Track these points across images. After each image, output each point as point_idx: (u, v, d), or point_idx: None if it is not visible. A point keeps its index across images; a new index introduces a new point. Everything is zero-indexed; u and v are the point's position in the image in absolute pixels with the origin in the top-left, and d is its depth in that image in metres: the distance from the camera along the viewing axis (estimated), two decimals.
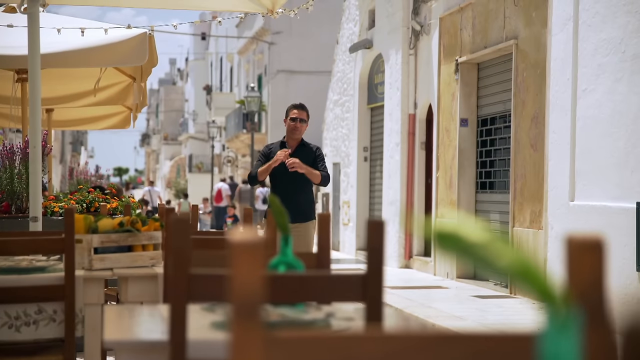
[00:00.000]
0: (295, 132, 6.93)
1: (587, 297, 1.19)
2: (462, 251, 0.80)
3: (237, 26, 35.81)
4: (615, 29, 7.38)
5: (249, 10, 6.74)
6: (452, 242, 0.80)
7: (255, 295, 1.14)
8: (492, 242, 0.81)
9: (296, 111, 6.95)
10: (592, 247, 1.23)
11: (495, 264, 0.80)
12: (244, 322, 1.13)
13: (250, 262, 1.14)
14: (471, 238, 0.81)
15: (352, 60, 16.61)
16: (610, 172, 7.42)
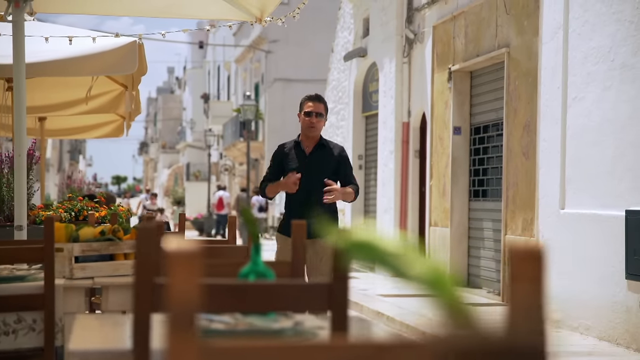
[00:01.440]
0: (311, 130, 5.78)
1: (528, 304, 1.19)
2: (375, 260, 0.80)
3: (235, 35, 35.87)
4: (605, 37, 7.39)
5: (238, 19, 6.75)
6: (366, 252, 0.80)
7: (191, 305, 1.14)
8: (404, 251, 0.81)
9: (311, 104, 5.81)
10: (533, 257, 1.23)
11: (406, 273, 0.80)
12: (179, 332, 1.13)
13: (187, 271, 1.14)
14: (384, 248, 0.81)
15: (347, 69, 16.63)
16: (600, 180, 7.42)
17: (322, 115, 5.83)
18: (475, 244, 11.41)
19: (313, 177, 5.70)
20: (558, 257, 8.09)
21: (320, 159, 5.79)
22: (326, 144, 5.86)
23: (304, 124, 5.84)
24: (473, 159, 11.56)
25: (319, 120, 5.81)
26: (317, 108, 5.81)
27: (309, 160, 5.79)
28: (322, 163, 5.77)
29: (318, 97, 5.92)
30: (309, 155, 5.80)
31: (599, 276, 7.28)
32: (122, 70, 7.26)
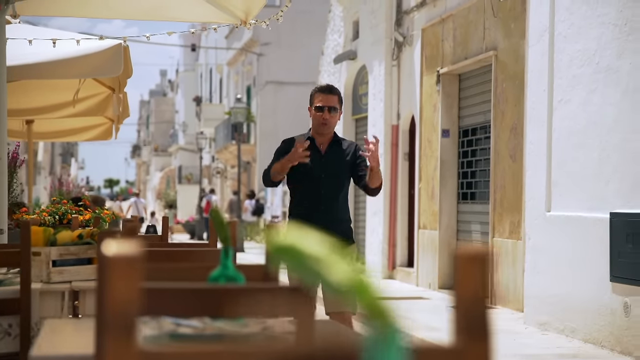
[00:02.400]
0: (323, 127, 5.07)
1: (471, 308, 1.18)
2: (298, 264, 0.79)
3: (227, 37, 35.88)
4: (590, 40, 7.40)
5: (223, 22, 6.74)
6: (289, 255, 0.79)
7: (130, 310, 1.13)
8: (326, 256, 0.80)
9: (323, 96, 5.09)
10: (478, 261, 1.22)
11: (327, 278, 0.79)
12: (118, 338, 1.12)
13: (126, 276, 1.13)
14: (307, 251, 0.80)
15: (337, 71, 16.63)
16: (585, 183, 7.43)
17: (336, 110, 5.09)
18: None
19: (329, 178, 5.08)
20: (544, 259, 8.10)
21: (337, 158, 5.10)
22: (342, 142, 5.19)
23: (315, 120, 5.10)
24: (461, 161, 11.57)
25: (332, 116, 5.08)
26: (330, 101, 5.07)
27: (324, 160, 5.08)
28: (339, 163, 5.10)
29: (330, 89, 5.17)
30: (325, 153, 5.10)
31: (585, 278, 7.29)
32: (108, 73, 7.25)
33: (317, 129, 5.12)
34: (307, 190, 5.08)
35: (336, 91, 5.18)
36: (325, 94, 5.11)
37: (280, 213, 26.15)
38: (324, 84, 5.34)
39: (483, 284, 1.19)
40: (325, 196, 5.07)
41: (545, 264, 8.05)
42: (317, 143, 5.12)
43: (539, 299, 8.11)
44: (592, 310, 7.13)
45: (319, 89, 5.20)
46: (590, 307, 7.18)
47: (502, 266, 9.65)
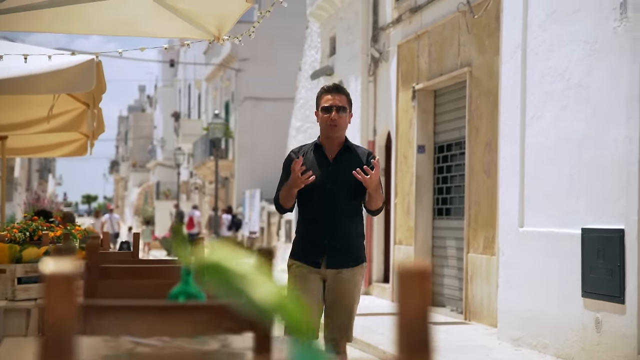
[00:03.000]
0: (332, 129, 4.68)
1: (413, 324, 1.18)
2: (222, 281, 0.79)
3: (205, 53, 35.87)
4: (561, 57, 7.46)
5: (196, 37, 6.73)
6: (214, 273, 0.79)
7: (66, 328, 1.12)
8: (251, 274, 0.80)
9: (330, 96, 4.72)
10: (419, 277, 1.23)
11: (251, 295, 0.79)
12: (54, 356, 1.11)
13: (62, 294, 1.12)
14: (233, 269, 0.80)
15: (314, 87, 16.65)
16: (557, 199, 7.47)
17: (345, 110, 4.70)
18: (439, 262, 11.43)
19: (339, 189, 4.64)
20: (517, 275, 8.12)
21: (347, 167, 4.62)
22: (353, 148, 4.75)
23: (323, 122, 4.72)
24: (437, 177, 11.60)
25: (341, 117, 4.67)
26: (338, 100, 4.68)
27: (333, 169, 4.67)
28: (350, 171, 4.57)
29: (337, 88, 4.80)
30: (334, 162, 4.68)
31: (557, 294, 7.32)
32: (81, 89, 7.22)
33: (326, 132, 4.71)
34: (313, 203, 4.67)
35: (344, 90, 4.80)
36: (333, 94, 4.72)
37: (258, 228, 26.11)
38: (330, 84, 4.91)
39: (425, 299, 1.19)
40: (333, 209, 4.64)
41: (519, 280, 8.08)
42: (325, 150, 4.71)
43: (513, 314, 8.14)
44: (564, 325, 7.16)
45: (325, 89, 4.81)
46: (562, 322, 7.21)
47: (477, 281, 9.67)
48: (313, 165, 4.65)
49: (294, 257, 4.74)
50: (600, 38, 6.86)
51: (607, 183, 6.70)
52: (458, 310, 10.38)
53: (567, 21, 7.38)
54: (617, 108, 6.57)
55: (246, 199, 27.78)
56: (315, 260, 4.63)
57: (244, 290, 0.80)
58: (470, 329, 9.23)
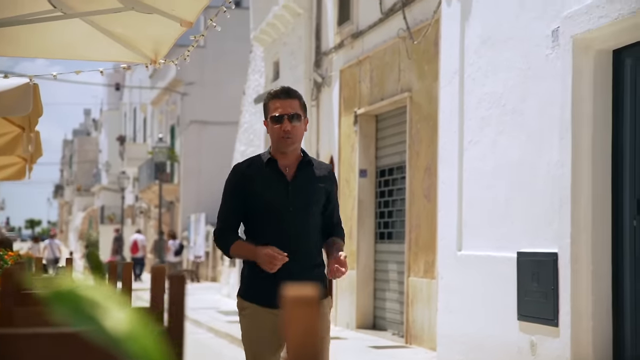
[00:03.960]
0: (286, 143, 3.91)
1: (300, 351, 1.18)
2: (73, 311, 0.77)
3: (151, 77, 35.68)
4: (497, 83, 7.57)
5: (132, 61, 6.70)
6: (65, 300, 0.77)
7: None
8: (104, 302, 0.78)
9: (279, 103, 3.93)
10: (306, 303, 1.22)
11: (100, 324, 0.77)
12: None
13: None
14: (86, 297, 0.78)
15: (258, 111, 16.66)
16: (494, 222, 7.55)
17: (300, 117, 3.92)
18: (380, 286, 11.46)
19: (301, 213, 3.92)
20: (456, 298, 8.17)
21: (309, 185, 3.96)
22: (312, 162, 4.03)
23: (274, 135, 3.92)
24: (379, 201, 11.66)
25: (295, 126, 3.90)
26: (290, 107, 3.91)
27: (293, 189, 3.93)
28: (312, 191, 3.96)
29: (287, 92, 3.99)
30: (293, 180, 3.94)
31: (494, 317, 7.38)
32: (16, 112, 7.13)
33: (278, 146, 3.93)
34: (271, 230, 3.89)
35: (295, 93, 4.00)
36: (282, 99, 3.92)
37: (203, 253, 25.92)
38: (279, 88, 4.06)
39: (313, 326, 1.18)
40: (296, 236, 3.90)
41: (457, 303, 8.13)
42: (280, 166, 3.95)
43: (452, 338, 8.18)
44: (501, 349, 7.21)
45: (272, 95, 3.99)
46: (499, 345, 7.26)
47: (418, 305, 9.71)
48: (267, 185, 3.91)
49: (247, 297, 3.93)
50: (533, 65, 6.98)
51: (541, 207, 6.79)
52: (399, 334, 10.40)
53: (501, 48, 7.50)
54: (550, 133, 6.68)
55: (191, 223, 27.58)
56: (277, 299, 3.58)
57: (95, 318, 0.79)
58: (411, 353, 9.26)
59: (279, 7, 14.55)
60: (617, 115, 6.32)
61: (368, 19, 11.56)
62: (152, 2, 5.44)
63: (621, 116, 6.29)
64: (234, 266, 18.55)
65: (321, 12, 13.65)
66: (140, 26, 6.12)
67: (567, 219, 6.37)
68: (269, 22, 15.21)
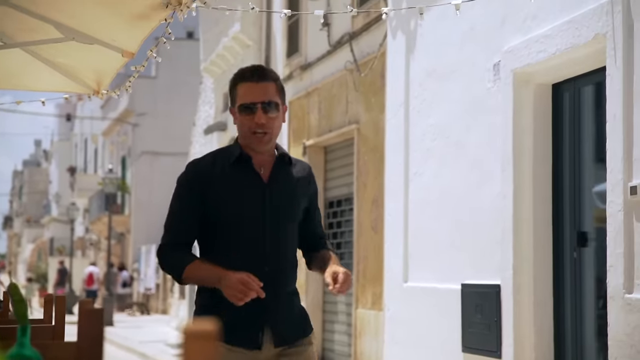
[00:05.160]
0: (259, 141, 3.04)
1: None
2: None
3: (102, 107, 35.43)
4: (441, 115, 7.64)
5: (74, 91, 6.63)
6: None
7: None
8: None
9: (249, 87, 3.02)
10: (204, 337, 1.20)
11: None
12: None
13: None
14: None
15: (208, 142, 16.60)
16: (439, 254, 7.58)
17: (277, 106, 3.04)
18: (329, 318, 11.42)
19: (278, 226, 3.07)
20: (402, 330, 8.17)
21: (288, 190, 3.12)
22: (291, 162, 3.17)
23: (242, 127, 3.05)
24: (328, 232, 11.65)
25: (271, 117, 3.02)
26: (264, 93, 3.00)
27: (270, 193, 3.07)
28: (292, 197, 3.11)
29: (261, 72, 3.05)
30: (270, 182, 3.08)
31: (439, 349, 7.38)
32: None
33: (249, 143, 3.05)
34: (239, 250, 3.02)
35: (271, 74, 3.08)
36: (255, 82, 3.01)
37: (153, 285, 25.63)
38: (249, 66, 3.12)
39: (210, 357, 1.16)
40: (275, 253, 3.05)
41: (404, 335, 8.12)
42: (254, 163, 3.07)
43: None
44: None
45: (240, 76, 3.07)
46: None
47: (365, 337, 9.68)
48: (238, 188, 3.03)
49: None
50: (475, 97, 7.06)
51: (484, 238, 6.83)
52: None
53: (445, 81, 7.58)
54: (493, 165, 6.75)
55: (142, 255, 27.30)
56: (253, 336, 3.02)
57: None
58: None
59: (229, 39, 14.57)
60: (556, 148, 6.40)
61: (316, 51, 11.62)
62: (93, 32, 5.40)
63: (561, 149, 6.37)
64: (184, 298, 18.35)
65: (270, 44, 13.69)
66: (82, 57, 6.07)
67: (510, 250, 6.42)
68: (219, 53, 15.21)
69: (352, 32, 10.44)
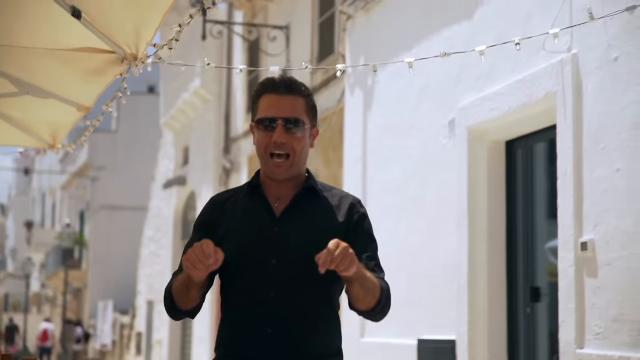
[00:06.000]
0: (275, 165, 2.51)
1: None
2: None
3: (61, 161, 35.15)
4: (397, 171, 7.70)
5: (30, 145, 6.59)
6: None
7: None
8: None
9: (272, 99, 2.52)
10: None
11: None
12: None
13: None
14: None
15: (168, 197, 16.53)
16: (396, 309, 7.51)
17: (303, 125, 2.52)
18: None
19: (293, 268, 2.45)
20: None
21: (305, 224, 2.51)
22: (318, 189, 2.60)
23: (260, 148, 2.55)
24: None
25: (295, 137, 2.50)
26: (289, 107, 2.51)
27: (280, 231, 2.50)
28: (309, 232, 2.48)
29: (289, 84, 2.54)
30: (282, 218, 2.51)
31: None
32: None
33: (266, 167, 2.54)
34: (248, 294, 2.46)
35: (300, 88, 2.55)
36: (280, 94, 2.51)
37: (109, 341, 25.21)
38: (277, 76, 2.59)
39: None
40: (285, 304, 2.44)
41: None
42: (268, 195, 2.55)
43: None
44: None
45: (264, 86, 2.55)
46: None
47: None
48: (244, 222, 2.52)
49: None
50: (431, 153, 7.14)
51: (440, 294, 6.85)
52: None
53: (402, 136, 7.66)
54: (448, 220, 6.80)
55: (99, 310, 26.89)
56: None
57: None
58: None
59: (189, 93, 14.62)
60: (510, 204, 6.48)
61: None
62: (48, 87, 5.39)
63: (514, 205, 6.45)
64: (141, 354, 18.08)
65: (230, 99, 13.76)
66: (37, 111, 6.05)
67: (465, 305, 6.44)
68: (179, 108, 15.24)
69: (312, 87, 10.53)
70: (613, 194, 4.94)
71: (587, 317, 5.10)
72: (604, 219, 5.01)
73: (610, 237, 4.95)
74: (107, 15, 3.73)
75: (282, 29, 11.21)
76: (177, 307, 2.48)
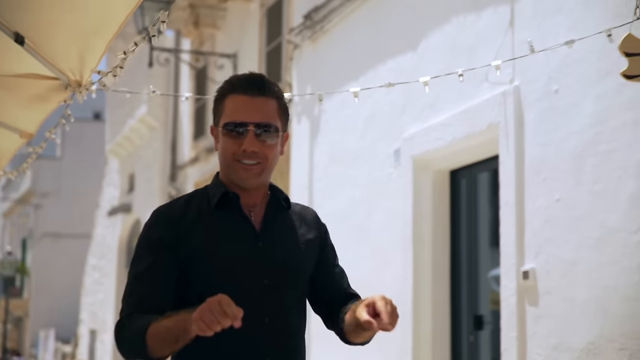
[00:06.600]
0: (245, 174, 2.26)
1: None
2: None
3: (4, 188, 34.57)
4: (344, 199, 7.73)
5: None
6: None
7: None
8: None
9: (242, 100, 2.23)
10: None
11: None
12: None
13: None
14: None
15: (112, 224, 16.35)
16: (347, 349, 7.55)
17: (275, 132, 2.28)
18: None
19: (280, 290, 2.30)
20: None
21: (291, 240, 2.39)
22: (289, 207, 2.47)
23: (225, 155, 2.29)
24: None
25: (265, 146, 2.26)
26: (260, 111, 2.25)
27: (265, 246, 2.30)
28: (296, 249, 2.38)
29: (260, 84, 2.26)
30: (264, 232, 2.31)
31: None
32: None
33: (233, 177, 2.30)
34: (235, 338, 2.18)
35: (273, 89, 2.28)
36: (251, 95, 2.24)
37: None
38: (246, 74, 2.29)
39: None
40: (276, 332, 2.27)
41: None
42: (243, 205, 2.31)
43: None
44: None
45: (231, 85, 2.28)
46: None
47: None
48: (223, 237, 2.26)
49: None
50: (377, 182, 7.19)
51: None
52: None
53: (348, 165, 7.71)
54: (394, 249, 6.84)
55: (40, 340, 26.38)
56: None
57: None
58: None
59: (135, 120, 14.53)
60: (454, 233, 6.55)
61: None
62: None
63: (458, 233, 6.52)
64: None
65: (177, 126, 13.71)
66: None
67: (409, 334, 6.46)
68: (125, 135, 15.13)
69: None
70: (554, 224, 5.03)
71: (529, 345, 5.16)
72: (544, 248, 5.09)
73: (551, 266, 5.03)
74: (51, 41, 3.70)
75: (230, 57, 11.23)
76: (149, 355, 2.07)
